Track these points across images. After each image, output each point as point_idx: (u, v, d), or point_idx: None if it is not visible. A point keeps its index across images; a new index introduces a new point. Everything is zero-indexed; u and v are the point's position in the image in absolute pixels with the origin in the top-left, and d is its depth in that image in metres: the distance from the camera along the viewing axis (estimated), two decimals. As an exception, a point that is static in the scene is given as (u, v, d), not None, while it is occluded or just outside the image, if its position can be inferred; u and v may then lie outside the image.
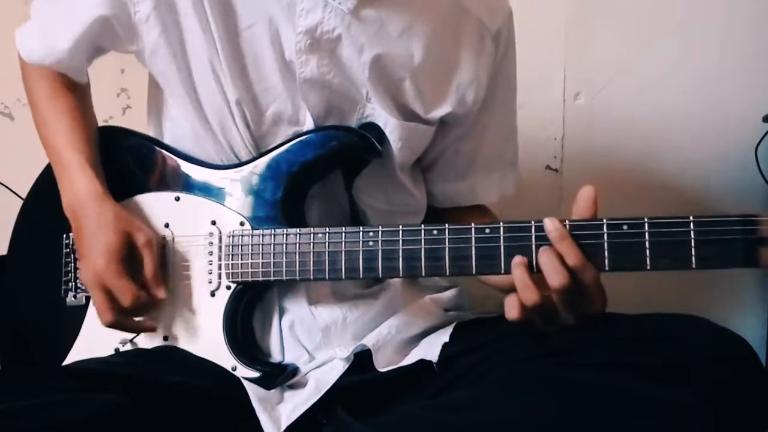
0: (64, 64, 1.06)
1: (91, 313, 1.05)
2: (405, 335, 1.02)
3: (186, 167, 1.05)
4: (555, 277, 0.84)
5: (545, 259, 0.85)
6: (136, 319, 1.00)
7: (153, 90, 1.11)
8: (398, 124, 1.01)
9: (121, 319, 0.98)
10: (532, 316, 0.86)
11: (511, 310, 0.87)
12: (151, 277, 0.99)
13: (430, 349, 0.98)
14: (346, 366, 0.97)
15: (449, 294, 1.12)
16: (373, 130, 1.01)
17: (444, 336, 0.99)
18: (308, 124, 1.01)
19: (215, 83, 0.99)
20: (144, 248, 0.99)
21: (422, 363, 0.96)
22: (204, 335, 1.00)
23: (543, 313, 0.86)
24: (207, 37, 0.98)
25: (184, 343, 1.01)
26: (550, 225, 0.86)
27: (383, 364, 0.97)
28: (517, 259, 0.87)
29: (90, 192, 1.01)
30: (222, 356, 0.99)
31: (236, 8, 0.98)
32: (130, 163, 1.08)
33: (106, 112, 1.69)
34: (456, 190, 1.14)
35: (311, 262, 0.95)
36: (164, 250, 1.03)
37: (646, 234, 0.84)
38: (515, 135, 1.17)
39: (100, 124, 1.14)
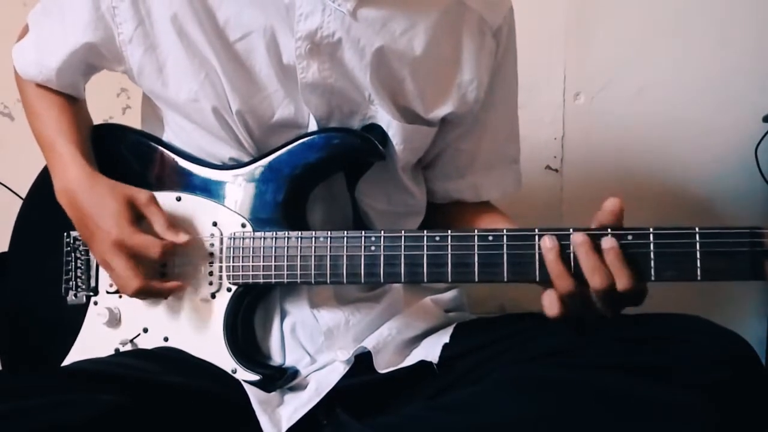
0: (54, 82, 1.07)
1: (92, 313, 1.05)
2: (405, 336, 1.02)
3: (187, 167, 1.05)
4: (595, 279, 0.82)
5: (583, 257, 0.82)
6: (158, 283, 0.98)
7: (147, 106, 1.12)
8: (400, 126, 1.01)
9: (147, 282, 0.96)
10: (570, 308, 0.84)
11: (551, 307, 0.85)
12: (165, 227, 0.98)
13: (431, 349, 0.98)
14: (347, 368, 0.97)
15: (450, 295, 1.12)
16: (375, 131, 1.01)
17: (444, 337, 0.99)
18: (311, 126, 1.01)
19: (213, 96, 0.98)
20: (147, 206, 0.98)
21: (423, 364, 0.96)
22: (204, 337, 1.00)
23: (580, 302, 0.84)
24: (195, 54, 0.98)
25: (184, 345, 1.01)
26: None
27: (383, 365, 0.97)
28: (549, 243, 0.84)
29: (79, 175, 1.01)
30: (222, 359, 0.98)
31: (223, 22, 0.97)
32: (132, 161, 1.08)
33: (106, 112, 1.70)
34: (457, 187, 1.14)
35: (312, 266, 0.95)
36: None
37: (651, 245, 0.83)
38: (517, 133, 1.17)
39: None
